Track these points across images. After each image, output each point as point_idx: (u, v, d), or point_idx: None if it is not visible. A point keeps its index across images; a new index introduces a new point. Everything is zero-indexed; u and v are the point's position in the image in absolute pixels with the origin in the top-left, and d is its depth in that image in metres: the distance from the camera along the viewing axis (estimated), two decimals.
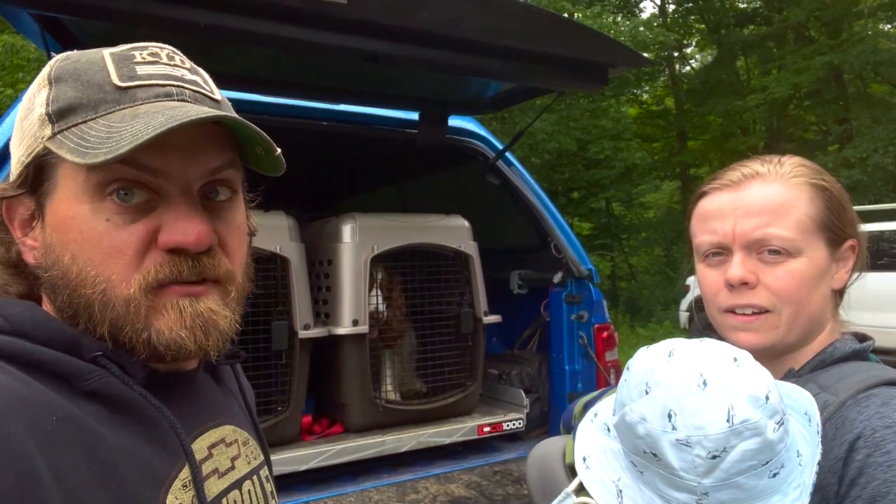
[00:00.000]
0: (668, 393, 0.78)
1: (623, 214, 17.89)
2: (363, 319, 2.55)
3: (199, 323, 0.66)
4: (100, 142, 0.60)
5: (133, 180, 0.64)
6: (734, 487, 0.76)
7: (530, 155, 13.33)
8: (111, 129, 0.62)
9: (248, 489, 0.78)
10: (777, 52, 15.85)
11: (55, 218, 0.66)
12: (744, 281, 0.96)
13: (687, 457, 0.76)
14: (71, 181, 0.65)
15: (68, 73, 0.66)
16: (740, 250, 0.97)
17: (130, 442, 0.63)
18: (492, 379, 3.12)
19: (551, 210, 2.97)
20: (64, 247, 0.65)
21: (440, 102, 2.74)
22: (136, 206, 0.65)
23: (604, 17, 13.21)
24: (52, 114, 0.64)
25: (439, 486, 2.42)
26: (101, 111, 0.64)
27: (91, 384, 0.63)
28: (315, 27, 1.87)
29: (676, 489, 0.78)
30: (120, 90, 0.65)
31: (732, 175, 1.01)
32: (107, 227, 0.64)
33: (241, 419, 0.84)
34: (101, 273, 0.64)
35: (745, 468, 0.75)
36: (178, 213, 0.65)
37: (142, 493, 0.62)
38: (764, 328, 0.96)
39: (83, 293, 0.64)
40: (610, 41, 2.41)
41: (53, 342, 0.63)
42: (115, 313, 0.64)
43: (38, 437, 0.55)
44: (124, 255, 0.64)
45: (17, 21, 1.89)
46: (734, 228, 0.97)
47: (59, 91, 0.65)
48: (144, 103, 0.64)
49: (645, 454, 0.80)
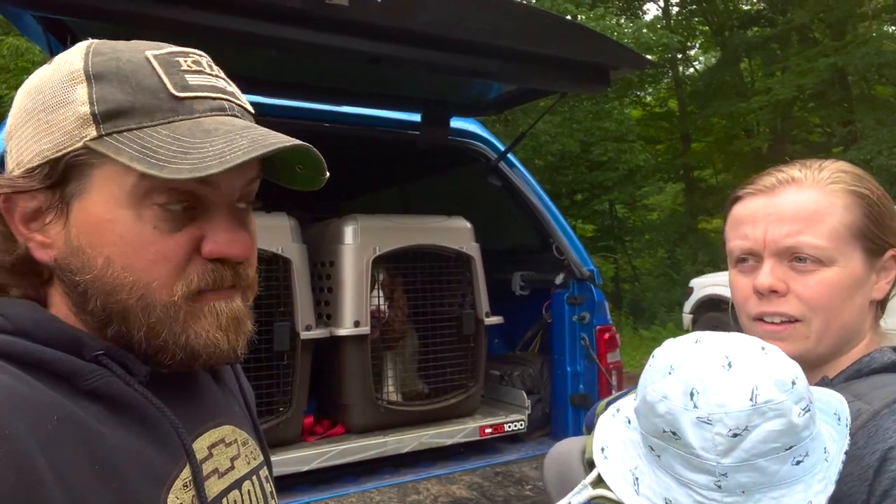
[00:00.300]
0: (691, 372, 0.78)
1: (626, 216, 17.86)
2: (365, 320, 2.55)
3: (232, 324, 0.68)
4: (174, 155, 0.60)
5: (187, 191, 0.65)
6: (755, 470, 0.74)
7: (533, 157, 13.32)
8: (181, 142, 0.62)
9: (248, 489, 0.78)
10: (781, 53, 15.81)
11: (87, 220, 0.65)
12: (772, 289, 0.94)
13: (707, 435, 0.74)
14: (113, 184, 0.64)
15: (111, 72, 0.64)
16: (771, 257, 0.95)
17: (132, 441, 0.63)
18: (493, 380, 3.12)
19: (553, 211, 2.97)
20: (97, 249, 0.64)
21: (442, 104, 2.75)
22: (182, 214, 0.65)
23: (607, 18, 13.19)
24: (98, 114, 0.63)
25: (441, 486, 2.42)
26: (158, 119, 0.63)
27: (92, 384, 0.63)
28: (317, 29, 1.87)
29: (695, 470, 0.76)
30: (176, 100, 0.64)
31: (767, 180, 1.00)
32: (153, 234, 0.64)
33: (240, 419, 0.83)
34: (142, 279, 0.64)
35: (768, 450, 0.73)
36: (222, 224, 0.67)
37: (143, 492, 0.62)
38: (793, 337, 0.94)
39: (119, 298, 0.64)
40: (611, 42, 2.42)
41: (54, 342, 0.63)
42: (156, 318, 0.65)
43: (39, 437, 0.55)
44: (170, 262, 0.65)
45: (21, 23, 1.91)
46: (765, 235, 0.95)
47: (105, 91, 0.64)
48: (203, 116, 0.65)
49: (664, 434, 0.79)
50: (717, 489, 0.75)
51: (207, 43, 1.93)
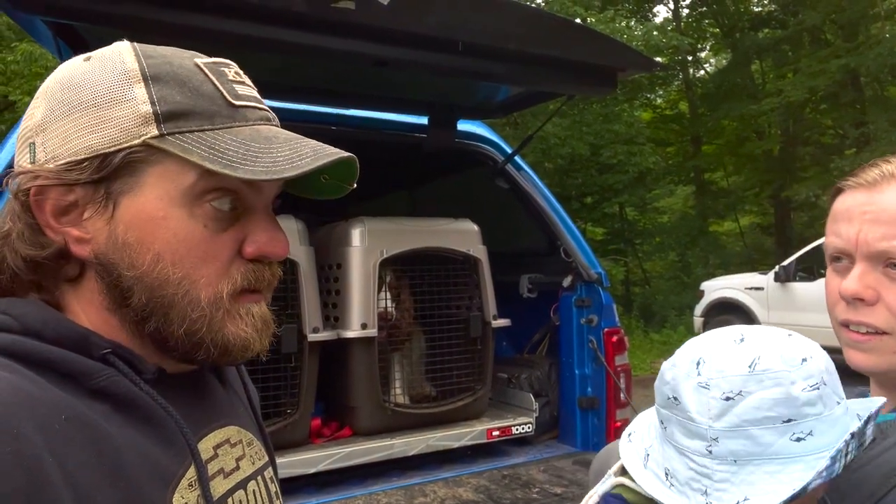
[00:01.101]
0: (703, 344, 0.79)
1: (637, 219, 17.79)
2: (372, 323, 2.55)
3: (263, 325, 0.71)
4: (244, 157, 0.64)
5: (236, 192, 0.68)
6: (747, 438, 0.73)
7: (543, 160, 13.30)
8: (248, 146, 0.65)
9: (253, 489, 0.78)
10: (792, 55, 15.72)
11: (137, 216, 0.65)
12: (858, 297, 0.86)
13: (703, 399, 0.75)
14: (168, 182, 0.65)
15: (168, 75, 0.66)
16: (863, 260, 0.86)
17: (138, 441, 0.63)
18: (501, 383, 3.11)
19: (561, 214, 2.97)
20: (146, 246, 0.65)
21: (449, 106, 2.75)
22: (229, 215, 0.68)
23: (616, 21, 13.16)
24: (160, 114, 0.64)
25: (447, 489, 2.42)
26: (218, 124, 0.66)
27: (99, 382, 0.63)
28: (323, 32, 1.88)
29: (690, 436, 0.76)
30: (232, 107, 0.67)
31: (871, 173, 0.89)
32: (204, 233, 0.66)
33: (245, 420, 0.84)
34: (189, 275, 0.66)
35: (761, 418, 0.72)
36: (264, 225, 0.70)
37: (150, 491, 0.62)
38: (878, 350, 0.86)
39: (166, 293, 0.66)
40: (619, 45, 2.41)
41: (63, 340, 0.63)
42: (199, 314, 0.67)
43: (47, 437, 0.55)
44: (218, 260, 0.67)
45: (31, 27, 1.93)
46: (858, 235, 0.86)
47: (164, 92, 0.65)
48: (257, 124, 0.69)
49: (668, 401, 0.80)
50: (708, 455, 0.75)
51: (214, 47, 1.96)
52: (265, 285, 0.72)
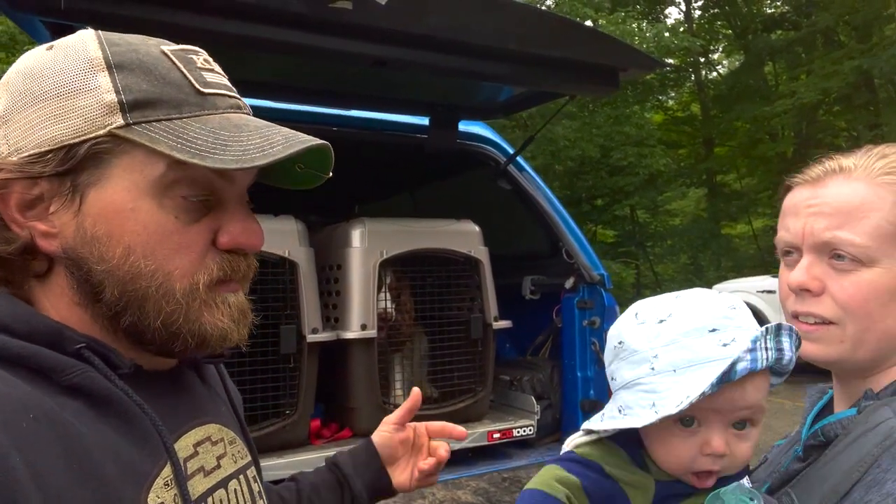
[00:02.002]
0: (640, 302, 0.92)
1: (648, 222, 17.71)
2: (372, 324, 2.55)
3: (240, 315, 0.72)
4: (215, 147, 0.63)
5: (206, 182, 0.67)
6: (681, 348, 0.83)
7: (553, 162, 13.29)
8: (217, 135, 0.64)
9: (235, 488, 0.77)
10: (805, 56, 15.61)
11: (105, 208, 0.64)
12: (804, 287, 0.88)
13: (641, 329, 0.87)
14: (136, 173, 0.64)
15: (133, 63, 0.65)
16: (809, 252, 0.89)
17: (111, 439, 0.62)
18: (503, 385, 3.09)
19: (563, 215, 2.95)
20: (116, 239, 0.64)
21: (450, 107, 2.74)
22: (200, 205, 0.67)
23: (627, 22, 13.12)
24: (126, 103, 0.63)
25: (446, 491, 2.40)
26: (186, 112, 0.65)
27: (72, 378, 0.62)
28: (321, 32, 1.88)
29: (635, 366, 0.86)
30: (200, 95, 0.66)
31: (816, 169, 0.92)
32: (176, 224, 0.66)
33: (227, 419, 0.83)
34: (162, 267, 0.65)
35: (690, 329, 0.83)
36: (238, 216, 0.70)
37: (122, 491, 0.61)
38: (825, 340, 0.88)
39: (139, 286, 0.65)
40: (620, 44, 2.40)
41: (35, 336, 0.62)
42: (174, 306, 0.66)
43: (14, 436, 0.54)
44: (191, 251, 0.67)
45: (31, 28, 1.94)
46: (804, 227, 0.89)
47: (129, 80, 0.64)
48: (226, 112, 0.68)
49: (614, 349, 0.91)
50: (652, 373, 0.84)
51: (214, 47, 1.96)
52: (241, 276, 0.72)
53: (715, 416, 0.84)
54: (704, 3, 18.12)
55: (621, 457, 0.90)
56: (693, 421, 0.85)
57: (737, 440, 0.86)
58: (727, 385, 0.81)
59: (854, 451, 0.81)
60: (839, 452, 0.83)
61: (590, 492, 0.87)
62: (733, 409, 0.84)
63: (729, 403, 0.84)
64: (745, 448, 0.87)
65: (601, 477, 0.89)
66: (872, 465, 0.78)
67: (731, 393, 0.82)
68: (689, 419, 0.85)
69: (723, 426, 0.85)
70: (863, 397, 0.87)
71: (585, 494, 0.87)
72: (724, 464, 0.86)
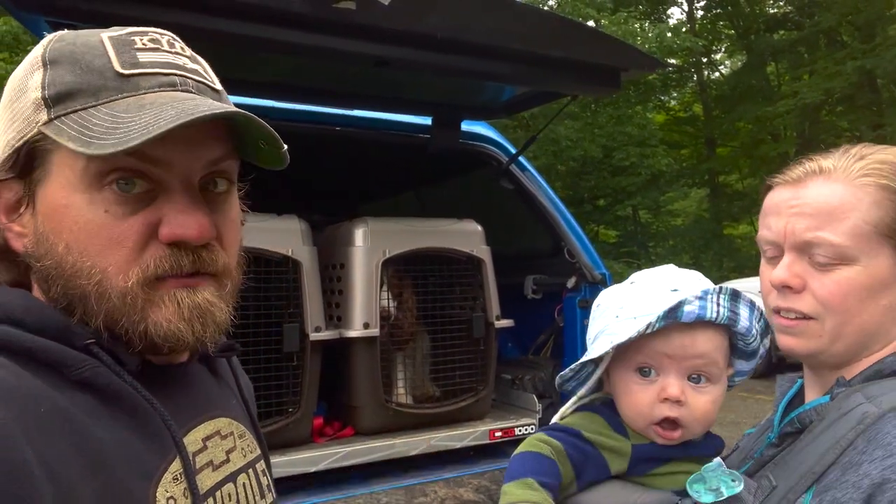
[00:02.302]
0: None
1: (650, 222, 17.71)
2: (374, 322, 2.56)
3: (196, 314, 0.66)
4: (105, 131, 0.60)
5: (135, 170, 0.63)
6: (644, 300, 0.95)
7: (555, 162, 13.29)
8: (116, 118, 0.61)
9: (244, 482, 0.77)
10: (808, 57, 15.60)
11: (48, 206, 0.64)
12: (786, 284, 0.91)
13: (613, 290, 1.01)
14: (67, 169, 0.63)
15: (65, 56, 0.64)
16: (790, 251, 0.92)
17: (120, 434, 0.63)
18: (505, 384, 3.10)
19: (565, 214, 2.96)
20: (58, 236, 0.64)
21: (453, 107, 2.75)
22: (137, 197, 0.64)
23: (629, 23, 13.12)
24: (48, 98, 0.63)
25: (448, 489, 2.41)
26: (103, 98, 0.63)
27: (82, 373, 0.62)
28: (324, 32, 1.89)
29: (603, 318, 0.99)
30: (122, 77, 0.64)
31: (797, 170, 0.95)
32: (105, 218, 0.63)
33: (237, 412, 0.83)
34: (97, 264, 0.63)
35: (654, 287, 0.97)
36: (179, 205, 0.65)
37: (131, 485, 0.61)
38: (805, 334, 0.91)
39: (78, 284, 0.64)
40: (621, 44, 2.40)
41: (45, 331, 0.63)
42: (111, 305, 0.64)
43: (26, 428, 0.55)
44: (123, 247, 0.63)
45: (36, 28, 1.95)
46: (786, 227, 0.92)
47: (56, 74, 0.64)
48: (148, 92, 0.64)
49: (593, 312, 1.03)
50: (616, 320, 0.96)
51: (218, 48, 1.97)
52: (190, 271, 0.66)
53: (669, 363, 0.93)
54: (707, 3, 18.11)
55: (601, 423, 0.97)
56: (650, 371, 0.94)
57: (694, 392, 0.93)
58: (677, 330, 0.91)
59: (829, 434, 0.84)
60: (815, 437, 0.86)
61: (570, 454, 0.94)
62: (685, 355, 0.92)
63: (680, 349, 0.92)
64: (703, 402, 0.93)
65: (581, 442, 0.95)
66: (848, 447, 0.81)
67: (681, 338, 0.92)
68: (646, 369, 0.94)
69: (678, 375, 0.93)
70: (835, 384, 0.90)
71: (567, 457, 0.93)
72: (683, 414, 0.92)
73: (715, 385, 0.95)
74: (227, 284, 0.70)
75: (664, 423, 0.93)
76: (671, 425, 0.93)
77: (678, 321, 0.91)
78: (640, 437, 0.95)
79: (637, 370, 0.95)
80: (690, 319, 0.92)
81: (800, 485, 0.83)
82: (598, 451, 0.94)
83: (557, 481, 0.92)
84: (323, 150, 3.05)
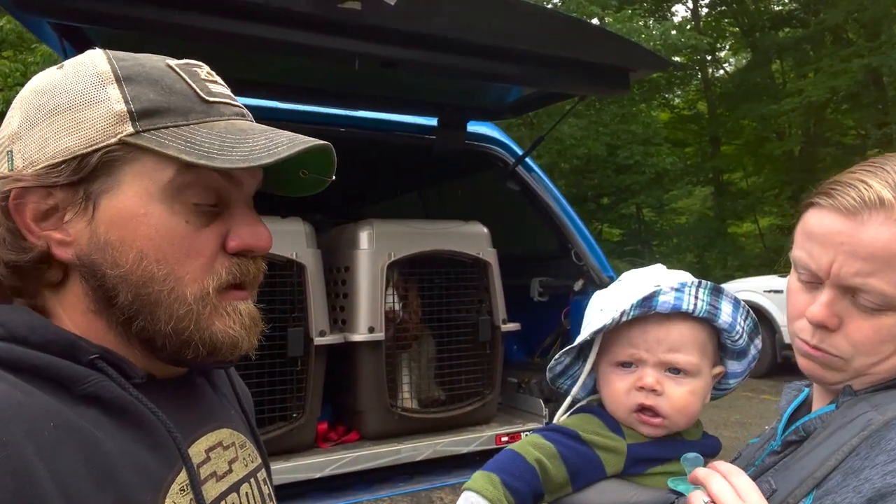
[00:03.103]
0: None
1: (654, 220, 17.68)
2: (379, 326, 2.53)
3: (252, 323, 0.72)
4: (222, 149, 0.64)
5: (214, 187, 0.68)
6: (627, 295, 0.96)
7: (559, 160, 13.26)
8: (224, 138, 0.66)
9: (246, 492, 0.78)
10: (813, 54, 15.51)
11: (118, 214, 0.66)
12: (823, 324, 0.85)
13: (604, 290, 1.03)
14: (147, 179, 0.66)
15: (141, 76, 0.67)
16: (832, 288, 0.85)
17: (128, 446, 0.63)
18: (511, 387, 3.08)
19: (572, 216, 2.93)
20: (129, 244, 0.66)
21: (459, 108, 2.73)
22: (210, 210, 0.69)
23: (634, 20, 13.07)
24: (135, 112, 0.65)
25: (454, 496, 2.38)
26: (193, 119, 0.67)
27: (88, 388, 0.63)
28: (330, 33, 1.87)
29: (591, 313, 1.01)
30: (206, 103, 0.69)
31: (850, 196, 0.83)
32: (187, 229, 0.67)
33: (237, 422, 0.84)
34: (174, 272, 0.66)
35: (639, 284, 0.98)
36: (246, 219, 0.71)
37: (140, 497, 0.62)
38: (829, 368, 0.87)
39: (152, 290, 0.66)
40: (630, 44, 2.37)
41: (50, 346, 0.63)
42: (185, 310, 0.67)
43: (36, 444, 0.56)
44: (202, 256, 0.68)
45: (39, 29, 1.93)
46: (831, 265, 0.83)
47: (138, 91, 0.66)
48: (232, 119, 0.70)
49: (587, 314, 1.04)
50: (600, 313, 0.98)
51: (221, 48, 1.95)
52: (250, 280, 0.72)
53: (647, 354, 0.95)
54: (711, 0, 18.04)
55: (597, 424, 0.98)
56: (631, 364, 0.97)
57: (672, 382, 0.95)
58: (654, 321, 0.94)
59: (833, 440, 0.82)
60: (818, 444, 0.85)
61: (565, 455, 0.94)
62: (660, 345, 0.94)
63: (655, 340, 0.94)
64: (681, 392, 0.94)
65: (577, 443, 0.96)
66: (850, 453, 0.79)
67: (655, 329, 0.94)
68: (627, 363, 0.97)
69: (655, 366, 0.95)
70: (841, 393, 0.88)
71: (561, 458, 0.94)
72: (660, 403, 0.94)
73: (694, 378, 0.96)
74: (255, 294, 0.76)
75: (643, 411, 0.95)
76: (650, 413, 0.95)
77: (653, 311, 0.93)
78: (637, 437, 0.97)
79: (618, 363, 0.98)
80: (666, 310, 0.93)
81: (800, 489, 0.82)
82: (594, 451, 0.95)
83: (528, 489, 0.92)
84: None
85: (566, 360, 1.05)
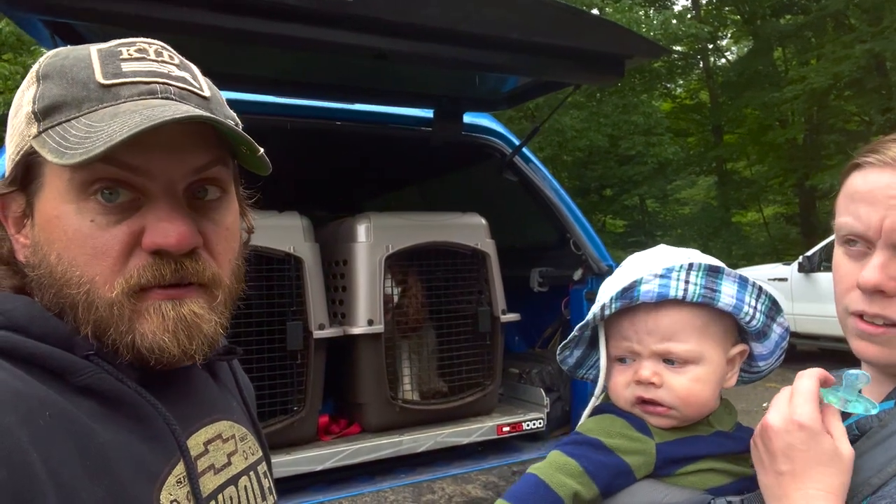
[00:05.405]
0: None
1: (657, 211, 17.63)
2: (378, 319, 2.53)
3: (181, 327, 0.66)
4: (78, 142, 0.60)
5: (116, 179, 0.64)
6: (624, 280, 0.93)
7: (561, 153, 13.22)
8: (91, 128, 0.62)
9: (245, 485, 0.78)
10: (815, 41, 15.41)
11: (42, 216, 0.66)
12: (879, 289, 0.78)
13: (609, 278, 0.98)
14: (57, 180, 0.65)
15: (55, 71, 0.66)
16: (885, 248, 0.78)
17: (124, 438, 0.63)
18: (512, 378, 3.08)
19: (570, 206, 2.92)
20: (50, 245, 0.65)
21: (454, 99, 2.72)
22: (121, 206, 0.64)
23: (634, 10, 13.00)
24: (38, 112, 0.64)
25: (456, 486, 2.39)
26: (85, 109, 0.64)
27: (85, 379, 0.63)
28: (320, 25, 1.86)
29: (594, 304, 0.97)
30: (103, 88, 0.65)
31: (895, 150, 0.79)
32: (91, 228, 0.64)
33: (238, 415, 0.84)
34: (85, 273, 0.64)
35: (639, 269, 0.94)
36: (160, 213, 0.65)
37: (135, 488, 0.62)
38: (892, 343, 0.79)
39: (68, 293, 0.65)
40: (625, 31, 2.36)
41: (48, 338, 0.64)
42: (99, 315, 0.64)
43: (31, 432, 0.56)
44: (108, 256, 0.64)
45: (31, 27, 1.93)
46: (883, 221, 0.77)
47: (46, 89, 0.65)
48: (127, 101, 0.64)
49: None
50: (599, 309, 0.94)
51: (213, 43, 1.95)
52: (202, 280, 0.67)
53: (639, 346, 0.91)
54: None
55: (622, 425, 0.93)
56: (629, 359, 0.94)
57: (671, 372, 0.90)
58: (643, 310, 0.90)
59: (891, 445, 0.77)
60: (875, 444, 0.78)
61: (590, 471, 0.89)
62: (651, 336, 0.90)
63: (645, 330, 0.90)
64: (683, 381, 0.89)
65: (601, 454, 0.90)
66: None
67: (644, 320, 0.90)
68: (626, 358, 0.94)
69: (650, 357, 0.91)
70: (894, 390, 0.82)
71: (588, 475, 0.89)
72: (661, 395, 0.90)
73: (697, 364, 0.90)
74: (218, 295, 0.70)
75: (645, 404, 0.92)
76: (652, 405, 0.91)
77: (636, 301, 0.89)
78: (665, 435, 0.91)
79: (618, 360, 0.95)
80: (649, 299, 0.88)
81: (855, 495, 0.76)
82: (622, 458, 0.89)
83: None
84: (323, 145, 3.03)
85: (577, 353, 1.01)
